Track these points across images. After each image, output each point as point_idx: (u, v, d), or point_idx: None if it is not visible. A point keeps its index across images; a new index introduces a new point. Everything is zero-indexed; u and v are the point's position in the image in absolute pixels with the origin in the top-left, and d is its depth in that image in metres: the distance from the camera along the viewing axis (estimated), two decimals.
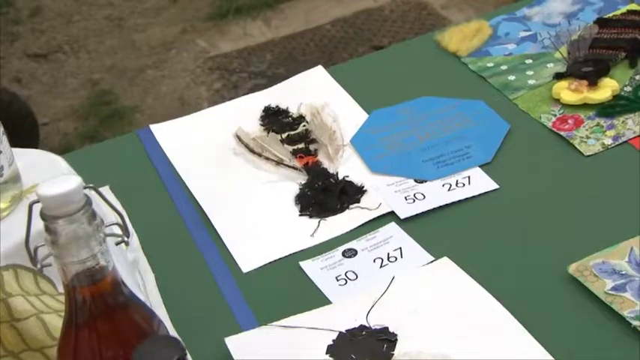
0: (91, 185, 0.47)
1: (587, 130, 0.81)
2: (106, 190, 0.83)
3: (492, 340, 0.63)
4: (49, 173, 0.62)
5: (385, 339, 0.65)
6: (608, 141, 0.79)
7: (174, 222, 0.80)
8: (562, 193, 0.76)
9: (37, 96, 2.14)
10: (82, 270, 0.47)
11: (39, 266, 0.48)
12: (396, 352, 0.63)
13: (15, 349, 0.53)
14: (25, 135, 1.76)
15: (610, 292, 0.63)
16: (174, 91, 2.12)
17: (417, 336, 0.64)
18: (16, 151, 0.63)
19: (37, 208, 0.47)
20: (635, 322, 0.61)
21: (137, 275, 0.70)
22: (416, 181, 0.80)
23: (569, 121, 0.82)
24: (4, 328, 0.53)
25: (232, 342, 0.66)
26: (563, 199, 0.75)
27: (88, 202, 0.46)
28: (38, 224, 0.47)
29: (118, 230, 0.50)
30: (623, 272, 0.65)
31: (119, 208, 0.61)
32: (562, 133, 0.82)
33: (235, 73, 2.18)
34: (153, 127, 0.93)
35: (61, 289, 0.57)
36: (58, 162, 0.64)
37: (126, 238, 0.50)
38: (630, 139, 0.79)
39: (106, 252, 0.47)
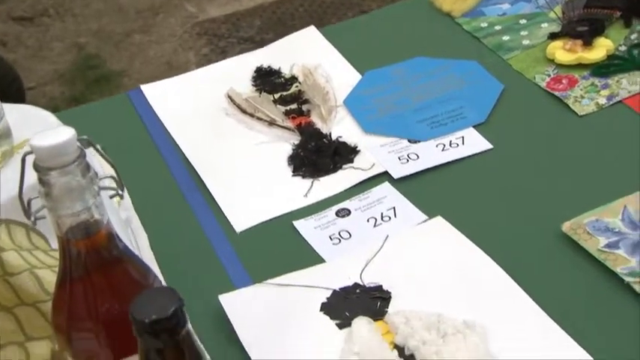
0: (84, 137, 0.47)
1: (581, 89, 0.81)
2: (95, 154, 0.81)
3: (486, 297, 0.63)
4: (39, 128, 0.61)
5: (379, 297, 0.65)
6: (603, 101, 0.79)
7: (167, 183, 0.80)
8: (556, 152, 0.76)
9: (23, 60, 2.10)
10: (76, 223, 0.46)
11: (32, 218, 0.47)
12: (389, 309, 0.64)
13: (8, 303, 0.53)
14: (11, 99, 1.73)
15: (603, 249, 0.64)
16: (161, 55, 2.10)
17: (411, 294, 0.64)
18: (5, 106, 0.62)
19: (30, 160, 0.46)
20: (628, 279, 0.61)
21: (130, 234, 0.70)
22: (409, 141, 0.80)
23: (564, 81, 0.82)
24: None
25: (226, 299, 0.66)
26: (557, 158, 0.75)
27: (82, 154, 0.46)
28: (32, 178, 0.47)
29: (112, 184, 0.49)
30: (617, 230, 0.65)
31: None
32: (556, 93, 0.81)
33: (224, 38, 2.15)
34: (144, 87, 0.92)
35: (54, 245, 0.56)
36: (48, 117, 0.63)
37: (120, 191, 0.49)
38: (624, 98, 0.79)
39: (101, 205, 0.47)
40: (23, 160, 0.47)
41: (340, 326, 0.63)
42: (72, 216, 0.46)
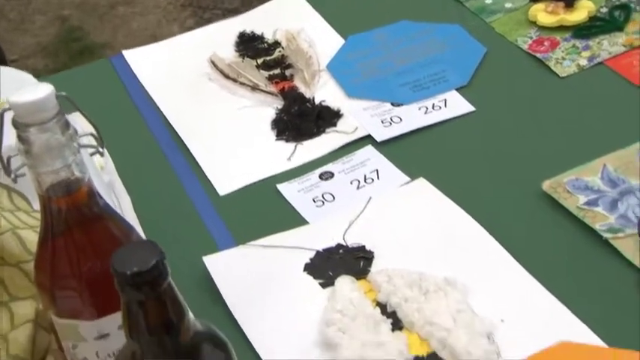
0: (63, 93, 0.47)
1: (562, 51, 0.81)
2: (78, 116, 0.81)
3: (467, 256, 0.64)
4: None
5: (362, 256, 0.65)
6: (584, 62, 0.80)
7: (150, 148, 0.80)
8: (537, 113, 0.76)
9: (5, 33, 2.08)
10: (56, 181, 0.46)
11: (12, 176, 0.48)
12: (372, 268, 0.64)
13: None
14: None
15: (583, 206, 0.64)
16: (145, 27, 2.08)
17: (394, 253, 0.65)
18: None
19: (9, 117, 0.46)
20: (606, 235, 0.62)
21: (113, 197, 0.70)
22: (392, 104, 0.80)
23: (545, 43, 0.82)
24: None
25: (210, 261, 0.66)
26: (538, 119, 0.76)
27: (61, 111, 0.46)
28: (12, 138, 0.47)
29: (92, 142, 0.49)
30: (596, 188, 0.66)
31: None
32: (538, 55, 0.82)
33: (208, 10, 2.13)
34: (126, 53, 0.92)
35: (35, 206, 0.57)
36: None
37: (100, 149, 0.49)
38: (605, 59, 0.80)
39: (81, 163, 0.47)
40: (1, 117, 0.47)
41: (323, 285, 0.63)
42: (52, 173, 0.46)
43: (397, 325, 0.59)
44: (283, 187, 0.74)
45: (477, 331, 0.58)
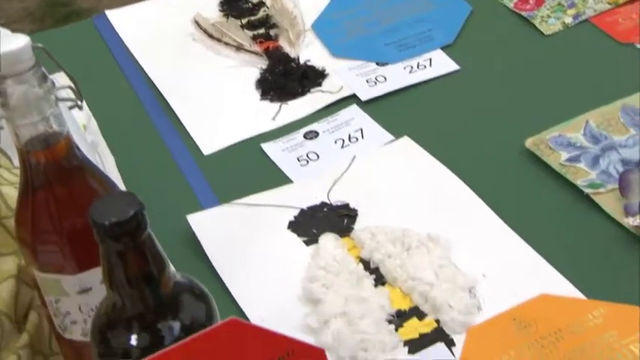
0: (40, 45, 0.46)
1: (548, 9, 0.81)
2: (61, 77, 0.81)
3: (450, 213, 0.64)
4: None
5: (346, 214, 0.66)
6: (569, 20, 0.80)
7: (134, 108, 0.79)
8: (522, 72, 0.76)
9: None
10: (35, 134, 0.46)
11: None
12: (356, 226, 0.64)
13: None
14: None
15: (565, 163, 0.65)
16: None
17: (378, 211, 0.65)
18: None
19: None
20: (587, 190, 0.62)
21: (97, 157, 0.70)
22: (377, 64, 0.80)
23: (531, 1, 0.82)
24: None
25: (194, 219, 0.66)
26: (522, 77, 0.76)
27: (38, 63, 0.45)
28: None
29: (71, 95, 0.49)
30: (578, 144, 0.66)
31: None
32: (523, 13, 0.81)
33: None
34: (109, 13, 0.91)
35: (16, 163, 0.56)
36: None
37: (79, 102, 0.49)
38: (590, 17, 0.79)
39: (59, 116, 0.46)
40: None
41: (307, 243, 0.64)
42: (30, 126, 0.45)
43: (380, 280, 0.60)
44: (268, 147, 0.73)
45: (459, 286, 0.58)
